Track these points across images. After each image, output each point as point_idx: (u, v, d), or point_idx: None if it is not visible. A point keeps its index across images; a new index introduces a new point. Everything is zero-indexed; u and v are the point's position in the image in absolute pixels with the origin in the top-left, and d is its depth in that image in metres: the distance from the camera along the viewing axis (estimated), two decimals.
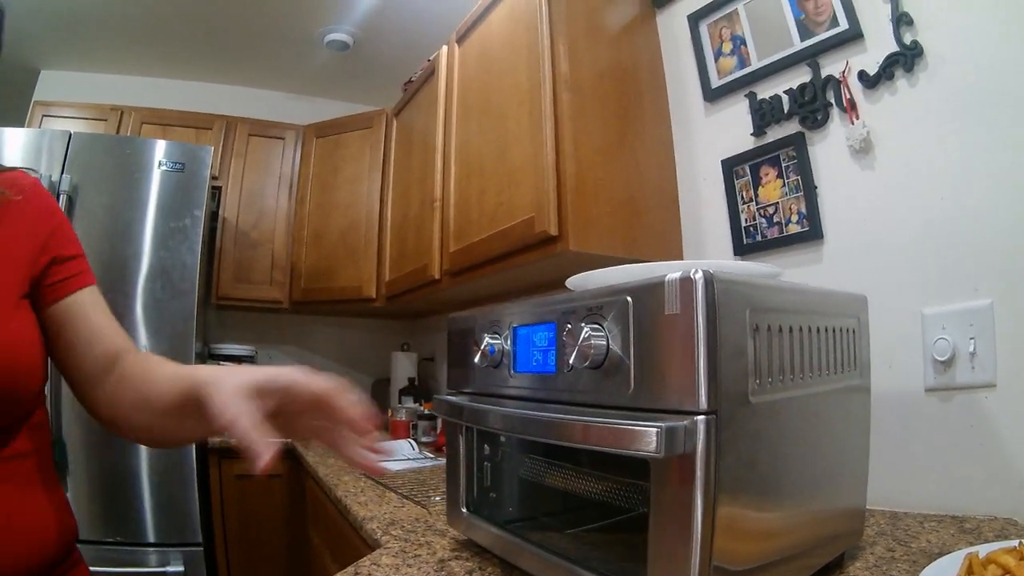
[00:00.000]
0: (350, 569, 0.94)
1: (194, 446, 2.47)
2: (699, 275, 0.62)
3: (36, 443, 0.79)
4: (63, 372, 0.83)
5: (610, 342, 0.70)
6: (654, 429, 0.59)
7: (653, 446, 0.59)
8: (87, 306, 0.84)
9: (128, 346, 0.86)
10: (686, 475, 0.60)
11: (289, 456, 2.64)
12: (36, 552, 0.75)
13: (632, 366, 0.67)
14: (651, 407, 0.65)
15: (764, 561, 0.69)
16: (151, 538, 2.35)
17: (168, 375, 0.79)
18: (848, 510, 0.89)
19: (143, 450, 2.39)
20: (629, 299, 0.69)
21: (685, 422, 0.60)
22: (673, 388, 0.63)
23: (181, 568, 2.33)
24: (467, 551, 1.03)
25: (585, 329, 0.71)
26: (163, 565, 2.31)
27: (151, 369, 0.82)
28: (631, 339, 0.68)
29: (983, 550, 0.76)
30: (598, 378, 0.72)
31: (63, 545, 0.81)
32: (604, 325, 0.71)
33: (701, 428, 0.60)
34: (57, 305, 0.81)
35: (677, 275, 0.64)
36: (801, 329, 0.77)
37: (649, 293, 0.66)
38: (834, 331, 0.84)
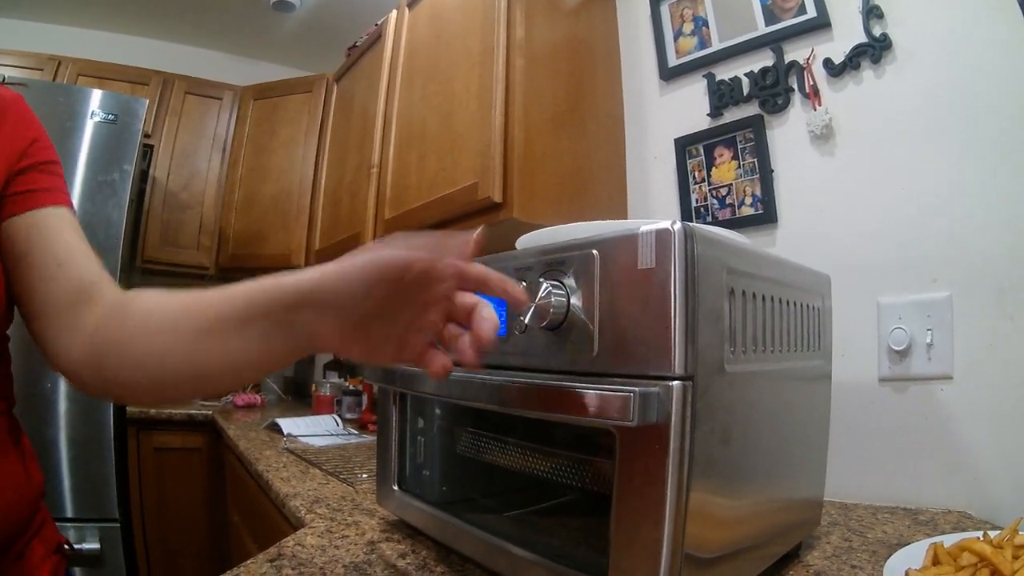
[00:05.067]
0: (273, 549, 0.86)
1: (112, 415, 2.31)
2: (678, 226, 0.55)
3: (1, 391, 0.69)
4: (20, 303, 0.66)
5: (571, 300, 0.62)
6: (627, 394, 0.51)
7: (626, 413, 0.51)
8: (64, 222, 0.68)
9: (107, 278, 0.66)
10: (659, 448, 0.53)
11: (209, 429, 2.51)
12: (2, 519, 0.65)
13: (596, 327, 0.60)
14: (616, 372, 0.57)
15: (730, 549, 0.62)
16: (68, 512, 2.19)
17: (213, 295, 0.58)
18: (808, 499, 0.84)
19: (61, 419, 2.23)
20: (596, 252, 0.61)
21: (658, 388, 0.53)
22: (644, 350, 0.55)
23: (96, 545, 2.19)
24: (398, 532, 0.96)
25: (544, 285, 0.63)
26: (79, 542, 2.15)
27: (165, 296, 0.62)
28: (596, 297, 0.60)
29: (947, 540, 0.73)
30: (555, 341, 0.63)
31: (29, 505, 0.71)
32: (565, 282, 0.64)
33: (677, 395, 0.53)
34: (21, 218, 0.65)
35: (653, 226, 0.56)
36: (774, 299, 0.71)
37: (620, 246, 0.59)
38: (803, 307, 0.79)
